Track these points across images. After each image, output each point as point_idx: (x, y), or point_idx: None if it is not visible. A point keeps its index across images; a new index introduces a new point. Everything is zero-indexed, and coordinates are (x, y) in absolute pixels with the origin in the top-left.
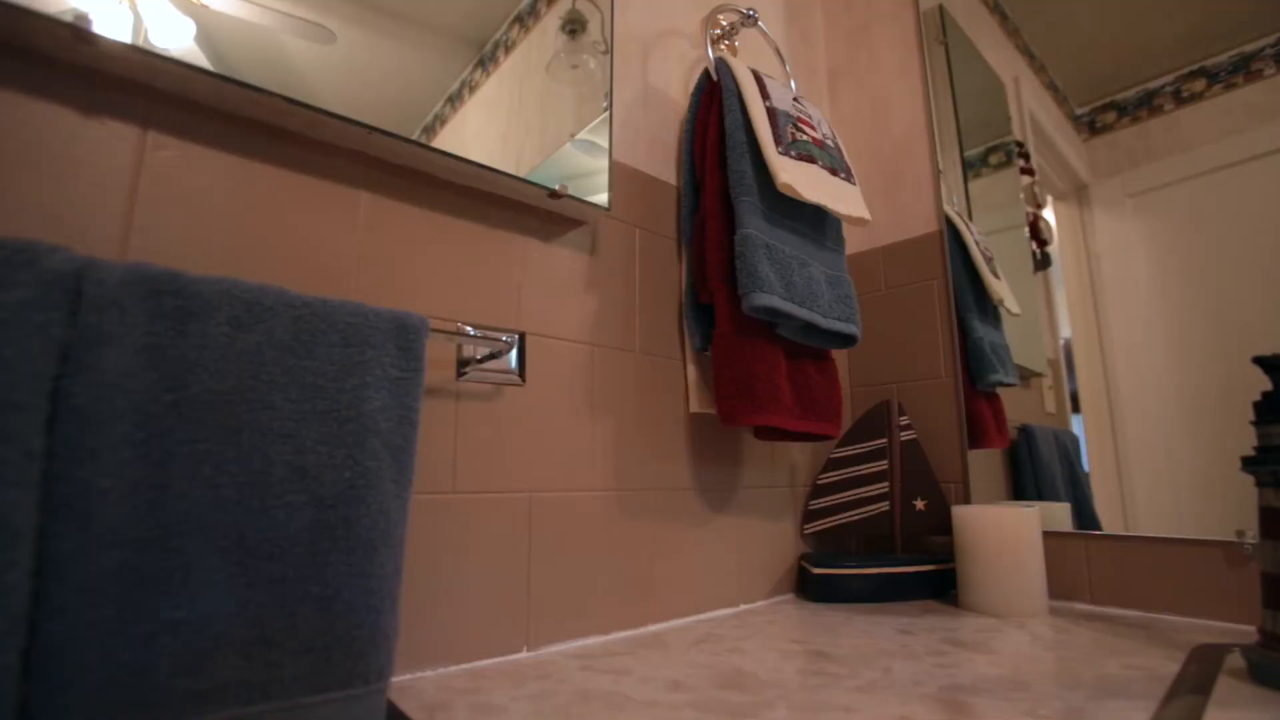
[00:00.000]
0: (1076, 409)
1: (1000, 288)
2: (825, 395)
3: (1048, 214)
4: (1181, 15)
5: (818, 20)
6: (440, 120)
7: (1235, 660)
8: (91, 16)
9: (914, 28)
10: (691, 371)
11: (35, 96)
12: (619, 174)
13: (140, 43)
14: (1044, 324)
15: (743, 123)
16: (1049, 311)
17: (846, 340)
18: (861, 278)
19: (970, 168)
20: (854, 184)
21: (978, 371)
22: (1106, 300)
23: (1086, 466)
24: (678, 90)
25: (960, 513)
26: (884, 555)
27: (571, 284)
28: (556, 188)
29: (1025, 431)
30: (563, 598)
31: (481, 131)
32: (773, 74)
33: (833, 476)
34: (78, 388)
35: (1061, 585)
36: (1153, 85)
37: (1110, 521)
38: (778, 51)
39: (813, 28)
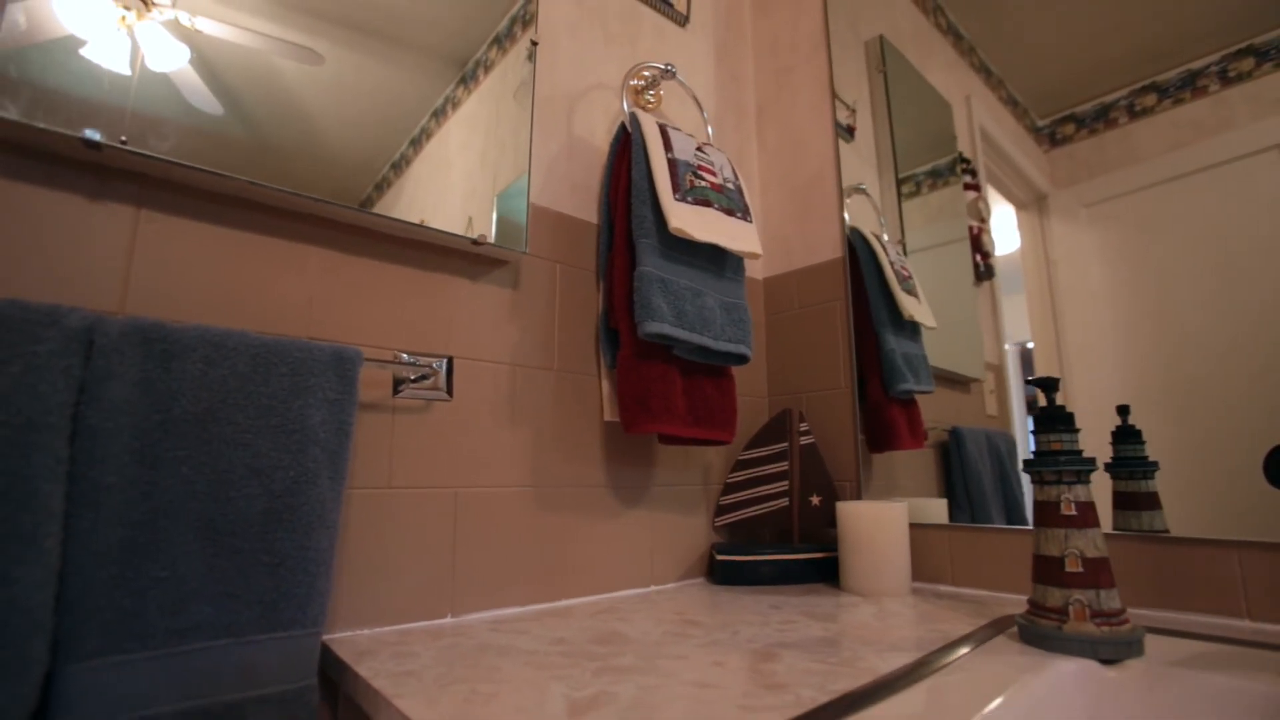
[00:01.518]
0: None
1: (912, 304)
2: (718, 406)
3: (1010, 223)
4: (1134, 32)
5: (748, 62)
6: (426, 134)
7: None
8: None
9: (825, 72)
10: (605, 386)
11: (53, 188)
12: (543, 217)
13: (137, 68)
14: (988, 331)
15: (646, 172)
16: (995, 319)
17: (739, 359)
18: (779, 298)
19: (914, 185)
20: (749, 222)
21: (890, 381)
22: (1063, 305)
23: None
24: (601, 139)
25: (842, 507)
26: (783, 545)
27: (496, 315)
28: (477, 237)
29: (954, 434)
30: (484, 575)
31: (464, 147)
32: (690, 120)
33: (740, 476)
34: (90, 412)
35: (929, 570)
36: (1108, 99)
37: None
38: (695, 100)
39: (743, 69)
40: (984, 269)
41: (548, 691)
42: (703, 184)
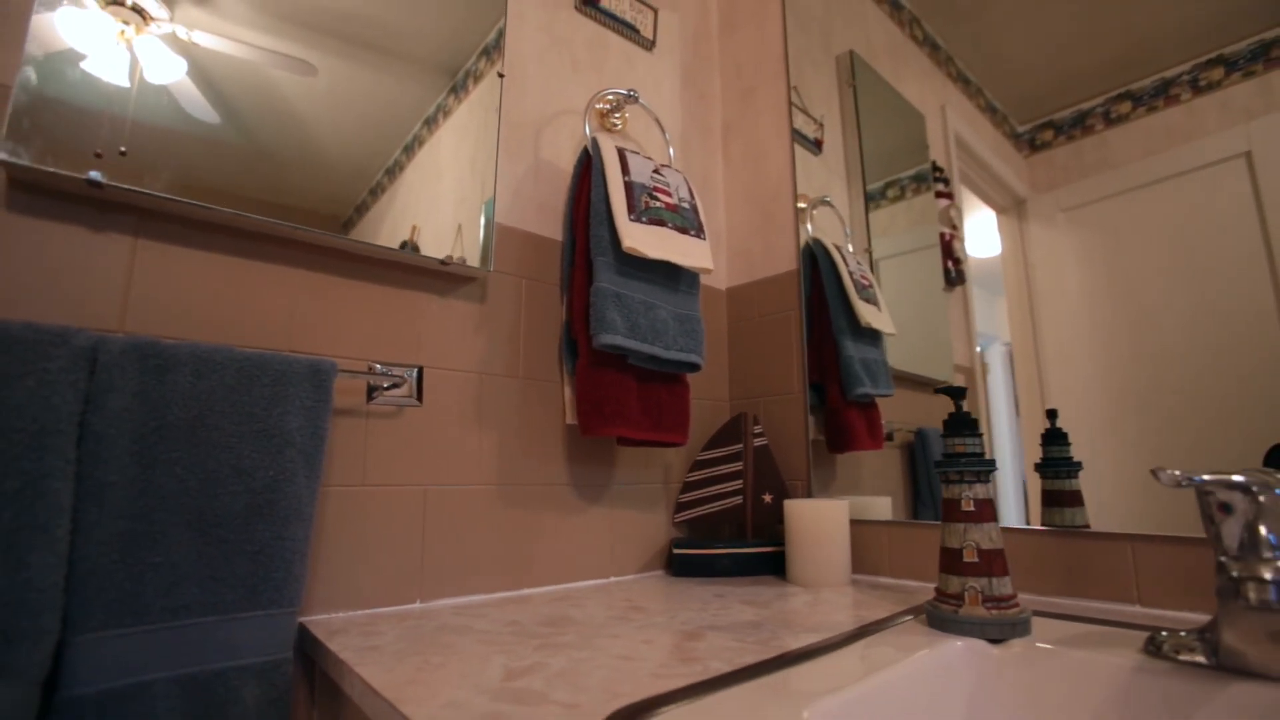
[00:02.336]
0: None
1: (870, 312)
2: (671, 411)
3: (992, 227)
4: (1109, 41)
5: (715, 82)
6: (419, 141)
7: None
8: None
9: (784, 90)
10: (567, 392)
11: (60, 221)
12: (509, 235)
13: (136, 80)
14: (960, 334)
15: (604, 194)
16: (967, 323)
17: (691, 366)
18: (741, 307)
19: (885, 194)
20: (703, 239)
21: (847, 385)
22: (1041, 307)
23: (1016, 461)
24: (567, 161)
25: (788, 505)
26: (737, 540)
27: (464, 327)
28: (444, 258)
29: (919, 435)
30: (450, 565)
31: (455, 154)
32: (655, 141)
33: (698, 475)
34: (95, 420)
35: (870, 562)
36: (1085, 106)
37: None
38: (658, 123)
39: (710, 88)
40: (955, 274)
41: (490, 662)
42: (658, 204)
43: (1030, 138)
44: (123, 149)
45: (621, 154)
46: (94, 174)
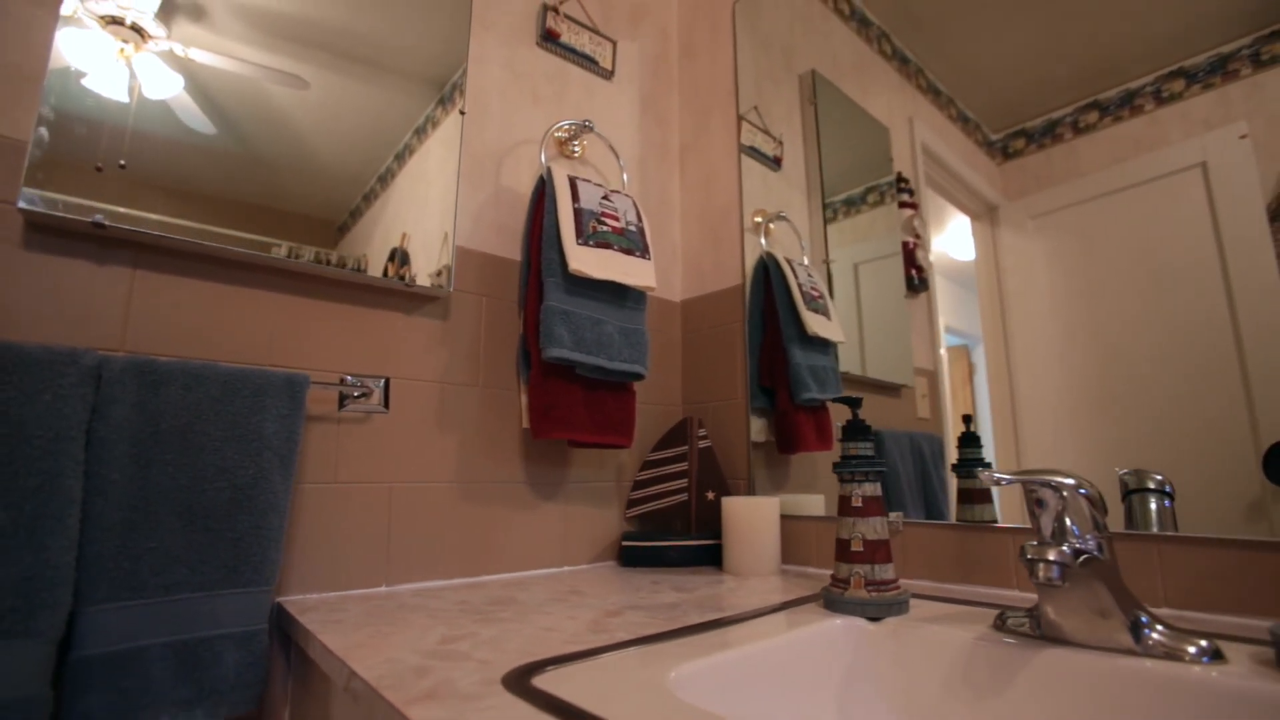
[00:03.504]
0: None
1: (818, 322)
2: (617, 417)
3: (967, 232)
4: (1078, 53)
5: (674, 106)
6: (409, 150)
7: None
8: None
9: (734, 116)
10: (524, 399)
11: (69, 256)
12: (470, 257)
13: (135, 96)
14: (924, 339)
15: (555, 220)
16: (930, 327)
17: (635, 376)
18: (694, 319)
19: (848, 206)
20: (648, 259)
21: (795, 391)
22: (1011, 311)
23: (997, 458)
24: (526, 186)
25: (725, 501)
26: (683, 534)
27: (428, 341)
28: (407, 281)
29: (875, 436)
30: (414, 554)
31: (443, 163)
32: (613, 166)
33: (647, 474)
34: (100, 427)
35: (800, 554)
36: (1056, 115)
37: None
38: (613, 150)
39: (669, 113)
40: (918, 282)
41: (432, 631)
42: (605, 228)
43: (1003, 145)
44: (122, 162)
45: (573, 182)
46: (98, 217)
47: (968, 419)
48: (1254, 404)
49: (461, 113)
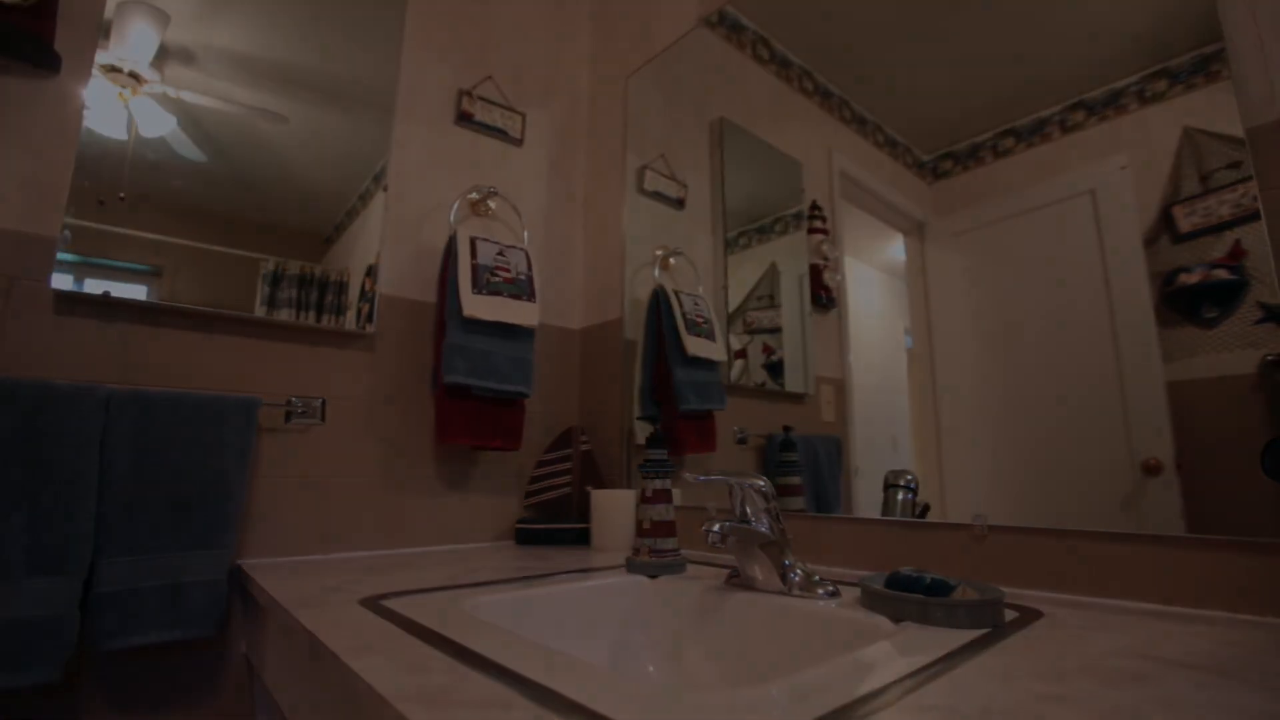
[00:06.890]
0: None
1: (698, 344)
2: (508, 426)
3: (898, 249)
4: (994, 83)
5: (579, 164)
6: (386, 171)
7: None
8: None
9: (621, 174)
10: (434, 413)
11: (84, 318)
12: (394, 303)
13: (132, 135)
14: (832, 351)
15: (455, 275)
16: (840, 340)
17: (521, 394)
18: (590, 344)
19: (756, 235)
20: (533, 302)
21: (677, 402)
22: (936, 319)
23: (910, 456)
24: (442, 243)
25: (593, 493)
26: (567, 518)
27: (358, 369)
28: (335, 327)
29: (770, 439)
30: (342, 531)
31: (377, 227)
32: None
33: (539, 471)
34: (109, 439)
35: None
36: (978, 140)
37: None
38: (515, 210)
39: (574, 170)
40: (826, 300)
41: (336, 578)
42: (497, 279)
43: (934, 166)
44: (121, 194)
45: (473, 242)
46: (106, 291)
47: (787, 429)
48: (1128, 405)
49: (385, 189)
